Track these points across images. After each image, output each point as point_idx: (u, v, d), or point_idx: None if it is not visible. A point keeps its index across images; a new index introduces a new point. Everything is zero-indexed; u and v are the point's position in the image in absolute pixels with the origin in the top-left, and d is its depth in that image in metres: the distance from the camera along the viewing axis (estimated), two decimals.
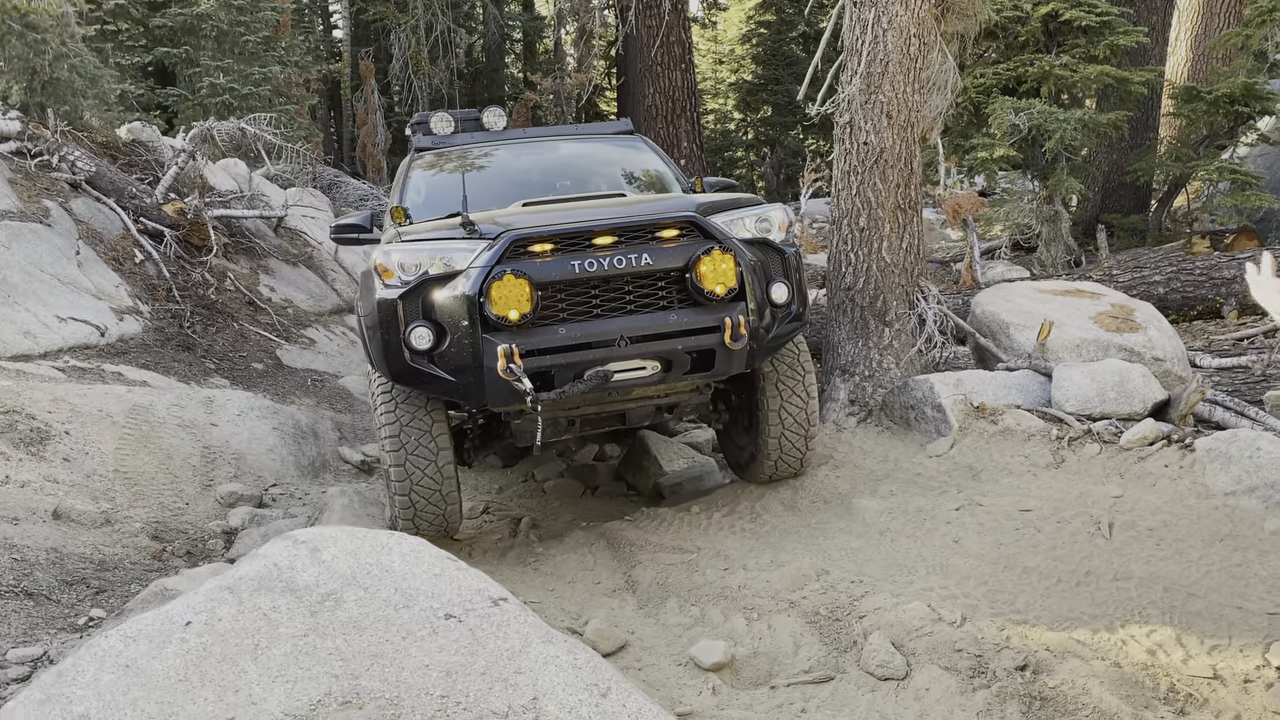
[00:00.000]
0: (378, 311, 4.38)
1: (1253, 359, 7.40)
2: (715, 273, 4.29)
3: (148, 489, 5.67)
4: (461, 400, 4.57)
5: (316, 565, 2.09)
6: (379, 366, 4.56)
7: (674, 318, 4.33)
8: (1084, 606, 3.85)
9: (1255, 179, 10.76)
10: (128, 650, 1.81)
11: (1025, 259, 12.74)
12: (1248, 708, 3.27)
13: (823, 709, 3.57)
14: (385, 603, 2.02)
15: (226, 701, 1.73)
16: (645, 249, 4.32)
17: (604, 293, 4.32)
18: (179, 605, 1.95)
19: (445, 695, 1.81)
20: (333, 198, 13.12)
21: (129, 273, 8.89)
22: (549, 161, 6.45)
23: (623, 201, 5.04)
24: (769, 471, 5.27)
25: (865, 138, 6.05)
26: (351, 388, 9.24)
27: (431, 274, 4.30)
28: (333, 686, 1.79)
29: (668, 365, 4.40)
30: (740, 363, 4.48)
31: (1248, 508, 4.31)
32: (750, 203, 4.87)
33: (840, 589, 4.23)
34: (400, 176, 6.29)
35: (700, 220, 4.43)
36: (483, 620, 2.01)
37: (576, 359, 4.26)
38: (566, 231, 4.32)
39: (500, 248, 4.21)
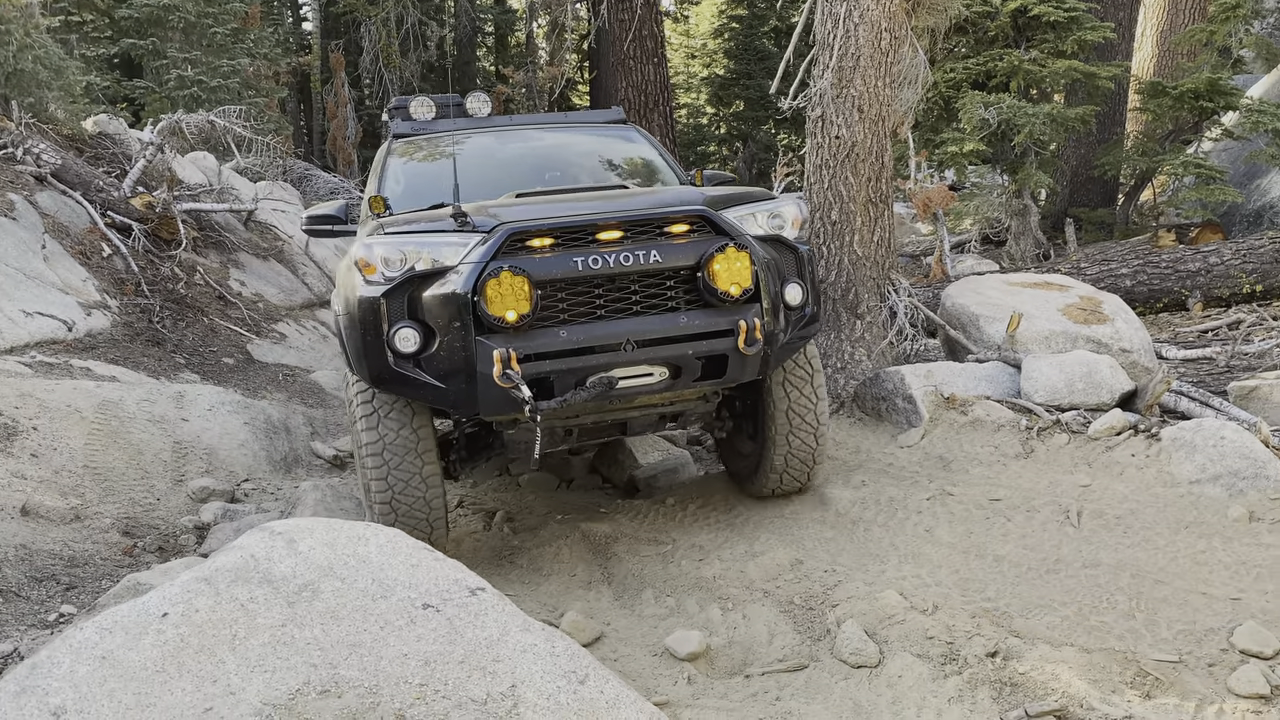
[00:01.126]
0: (358, 310, 4.02)
1: (1217, 350, 7.53)
2: (729, 272, 3.97)
3: (118, 485, 5.62)
4: (450, 409, 4.23)
5: (293, 556, 2.09)
6: (359, 370, 4.16)
7: (684, 320, 4.00)
8: (1054, 594, 3.91)
9: (1219, 173, 10.93)
10: (104, 642, 1.80)
11: (994, 252, 12.88)
12: (1213, 691, 3.33)
13: (797, 697, 3.60)
14: (363, 593, 2.02)
15: (204, 692, 1.73)
16: (654, 245, 3.99)
17: (608, 292, 3.98)
18: (155, 597, 1.94)
19: (424, 683, 1.81)
20: (303, 191, 13.03)
21: (96, 267, 8.78)
22: (538, 150, 6.07)
23: (625, 194, 4.74)
24: (774, 483, 4.93)
25: (837, 131, 6.09)
26: (323, 382, 9.18)
27: (419, 270, 3.94)
28: (311, 676, 1.79)
29: (676, 371, 4.08)
30: (753, 369, 4.17)
31: (1212, 495, 4.39)
32: (761, 197, 4.55)
33: (814, 578, 4.27)
34: (378, 164, 5.92)
35: (712, 215, 4.11)
36: (460, 610, 2.02)
37: (579, 364, 3.93)
38: (569, 225, 3.98)
39: (496, 242, 3.86)
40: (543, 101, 21.34)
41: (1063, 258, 11.50)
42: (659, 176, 5.82)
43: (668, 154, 6.08)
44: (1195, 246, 9.23)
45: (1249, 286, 8.51)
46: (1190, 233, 11.04)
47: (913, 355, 6.58)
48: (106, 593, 3.72)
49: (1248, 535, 4.10)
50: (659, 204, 4.25)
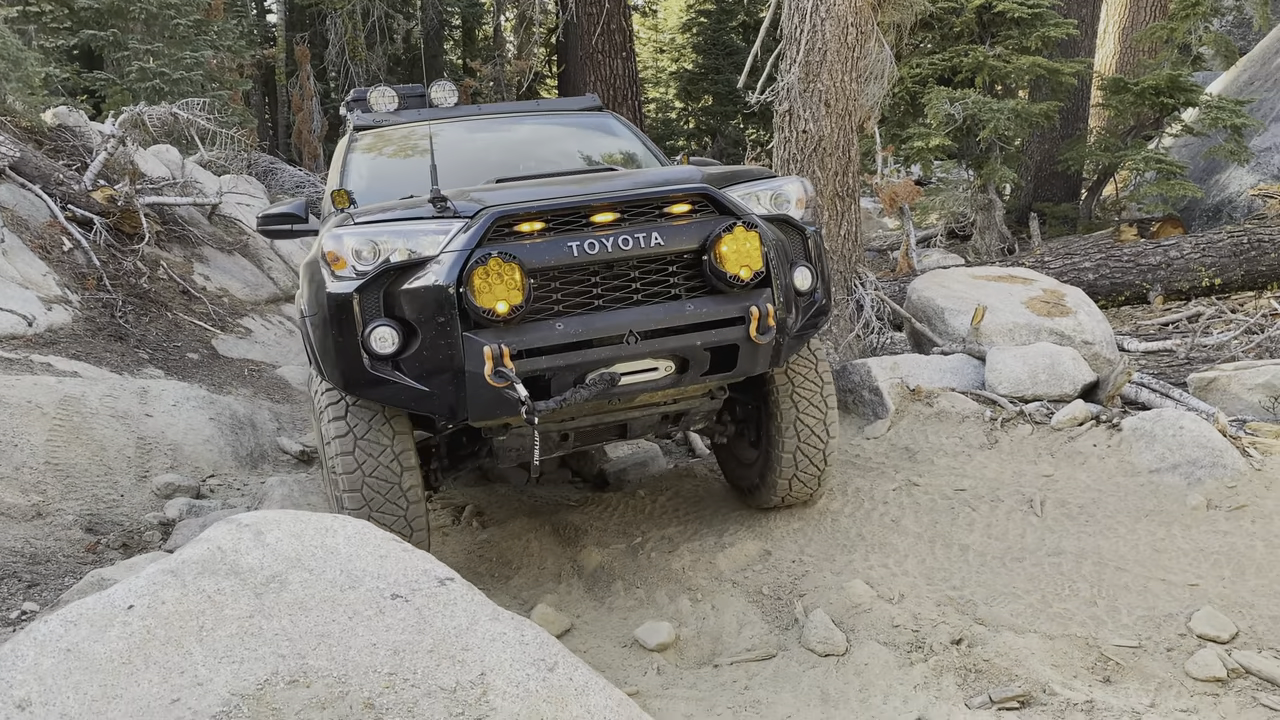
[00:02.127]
0: (328, 309, 3.63)
1: (1177, 343, 7.66)
2: (738, 253, 3.62)
3: (80, 481, 5.55)
4: (435, 414, 3.81)
5: (260, 548, 2.08)
6: (329, 375, 3.78)
7: (690, 308, 3.66)
8: (1018, 582, 3.97)
9: (1180, 168, 11.10)
10: (68, 634, 1.79)
11: (960, 247, 13.00)
12: (1171, 675, 3.40)
13: (765, 686, 3.64)
14: (331, 584, 2.02)
15: (171, 683, 1.72)
16: (654, 227, 3.64)
17: (607, 280, 3.63)
18: (120, 589, 1.93)
19: (393, 672, 1.82)
20: (268, 185, 12.89)
21: (57, 261, 8.65)
22: (511, 140, 5.70)
23: (615, 175, 4.39)
24: (780, 495, 4.61)
25: (804, 126, 6.13)
26: (289, 378, 9.11)
27: (394, 262, 3.57)
28: (279, 666, 1.79)
29: (683, 365, 3.75)
30: (765, 360, 3.84)
31: (1171, 484, 4.47)
32: (761, 175, 4.22)
33: (782, 569, 4.31)
34: (338, 159, 5.54)
35: (715, 193, 3.77)
36: (429, 600, 2.02)
37: (578, 360, 3.57)
38: (560, 207, 3.63)
39: (481, 227, 3.50)
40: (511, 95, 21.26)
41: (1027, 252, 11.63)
42: (642, 165, 5.51)
43: (649, 141, 5.83)
44: (1156, 240, 9.37)
45: (1208, 280, 8.65)
46: (1151, 227, 11.21)
47: (879, 348, 6.64)
48: (70, 589, 3.69)
49: (1206, 523, 4.18)
50: (656, 183, 3.91)
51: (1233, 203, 12.33)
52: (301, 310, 4.07)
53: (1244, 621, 3.61)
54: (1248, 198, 12.26)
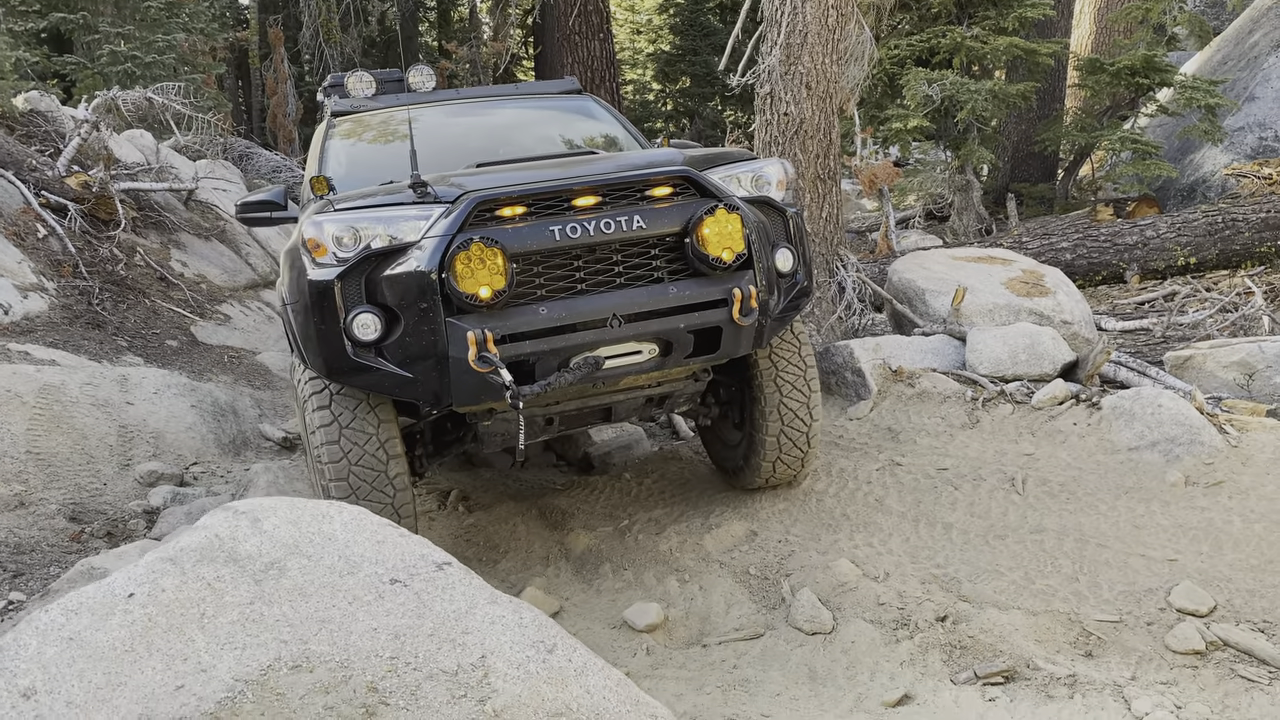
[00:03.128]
0: (309, 296, 3.63)
1: (1153, 322, 7.75)
2: (721, 236, 3.64)
3: (63, 470, 5.52)
4: (418, 400, 3.84)
5: (258, 535, 2.09)
6: (312, 362, 3.78)
7: (673, 291, 3.68)
8: (1001, 559, 4.03)
9: (1155, 148, 11.19)
10: (70, 623, 1.80)
11: (938, 228, 13.08)
12: (1151, 649, 3.47)
13: (754, 665, 3.68)
14: (330, 569, 2.03)
15: (175, 670, 1.73)
16: (635, 210, 3.65)
17: (589, 263, 3.65)
18: (120, 578, 1.93)
19: (395, 656, 1.83)
20: (244, 170, 12.77)
21: (32, 248, 8.56)
22: (491, 125, 5.67)
23: (596, 159, 4.39)
24: (764, 476, 4.65)
25: (785, 109, 6.14)
26: (270, 364, 9.07)
27: (375, 248, 3.57)
28: (282, 652, 1.80)
29: (667, 348, 3.77)
30: (748, 342, 3.87)
31: (1150, 461, 4.54)
32: (741, 157, 4.23)
33: (768, 549, 4.35)
34: (316, 146, 5.50)
35: (696, 175, 3.78)
36: (428, 584, 2.04)
37: (561, 344, 3.59)
38: (541, 191, 3.63)
39: (462, 212, 3.50)
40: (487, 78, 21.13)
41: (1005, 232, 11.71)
42: (623, 148, 5.49)
43: (628, 124, 5.82)
44: (1133, 220, 9.46)
45: (1183, 259, 8.75)
46: (1127, 207, 11.31)
47: (860, 329, 6.69)
48: (60, 578, 3.68)
49: (1184, 499, 4.25)
50: (637, 165, 3.92)
51: (1207, 182, 12.45)
52: (283, 298, 4.05)
53: (1222, 595, 3.69)
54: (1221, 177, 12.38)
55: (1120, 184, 11.76)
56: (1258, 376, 6.29)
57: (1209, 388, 6.27)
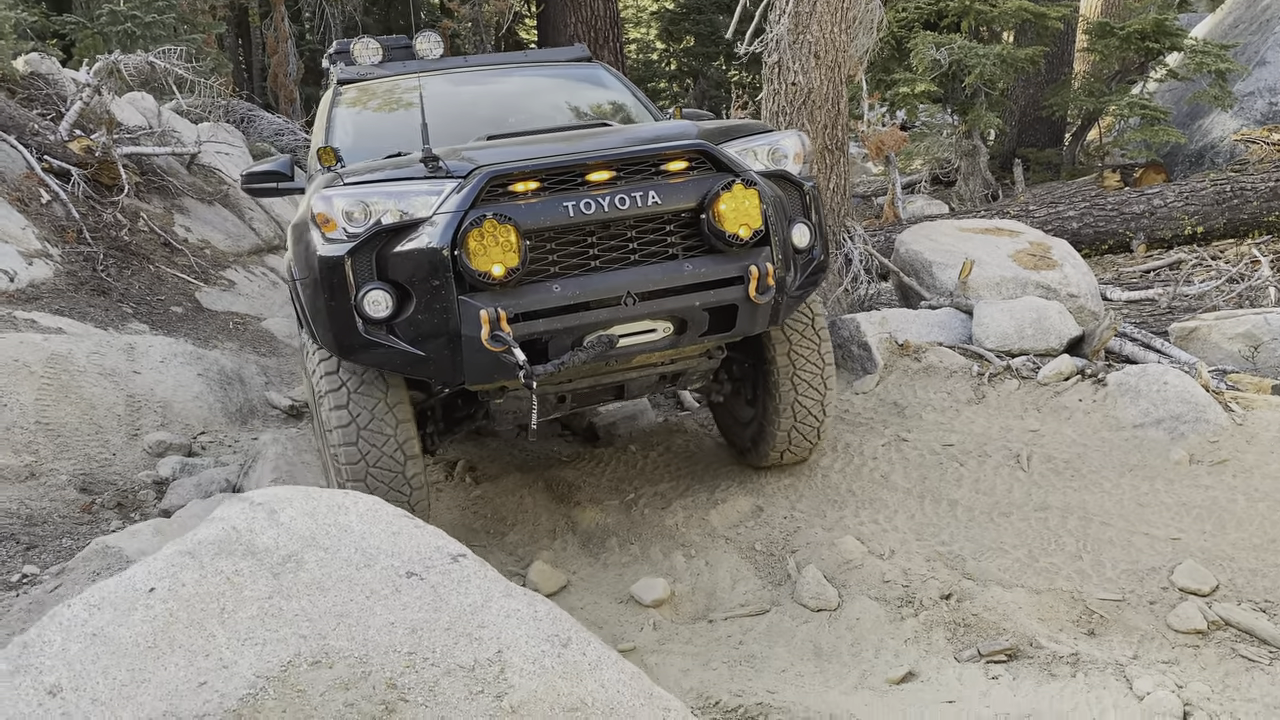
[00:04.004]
0: (319, 272, 3.58)
1: (1159, 292, 7.75)
2: (737, 212, 3.59)
3: (72, 440, 5.55)
4: (431, 378, 3.83)
5: (275, 527, 2.11)
6: (323, 339, 3.74)
7: (689, 268, 3.63)
8: (1005, 537, 4.06)
9: (1163, 114, 11.10)
10: (93, 619, 1.82)
11: (944, 193, 13.01)
12: (1153, 628, 3.51)
13: (760, 641, 3.73)
14: (346, 562, 2.05)
15: (198, 666, 1.76)
16: (650, 185, 3.59)
17: (603, 240, 3.60)
18: (140, 572, 1.95)
19: (412, 652, 1.86)
20: (247, 132, 12.69)
21: (35, 214, 8.54)
22: (500, 94, 5.57)
23: (609, 131, 4.31)
24: (777, 454, 4.62)
25: (793, 78, 6.09)
26: (275, 330, 9.08)
27: (386, 224, 3.51)
28: (301, 647, 1.83)
29: (681, 326, 3.72)
30: (764, 320, 3.82)
31: (1155, 439, 4.55)
32: (757, 129, 4.16)
33: (774, 524, 4.39)
34: (322, 116, 5.41)
35: (712, 149, 3.71)
36: (444, 577, 2.06)
37: (575, 322, 3.54)
38: (555, 166, 3.57)
39: (475, 187, 3.44)
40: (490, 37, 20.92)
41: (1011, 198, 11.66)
42: (635, 116, 5.43)
43: (640, 93, 5.72)
44: (1140, 189, 9.40)
45: (1190, 228, 8.72)
46: (1135, 173, 11.24)
47: (867, 300, 6.68)
48: (75, 556, 3.71)
49: (1188, 478, 4.27)
50: (651, 139, 3.87)
51: (1215, 148, 12.36)
52: (291, 273, 4.00)
53: (1224, 575, 3.72)
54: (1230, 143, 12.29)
55: (1128, 150, 11.67)
56: (1263, 348, 6.30)
57: (1214, 359, 6.28)
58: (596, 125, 4.57)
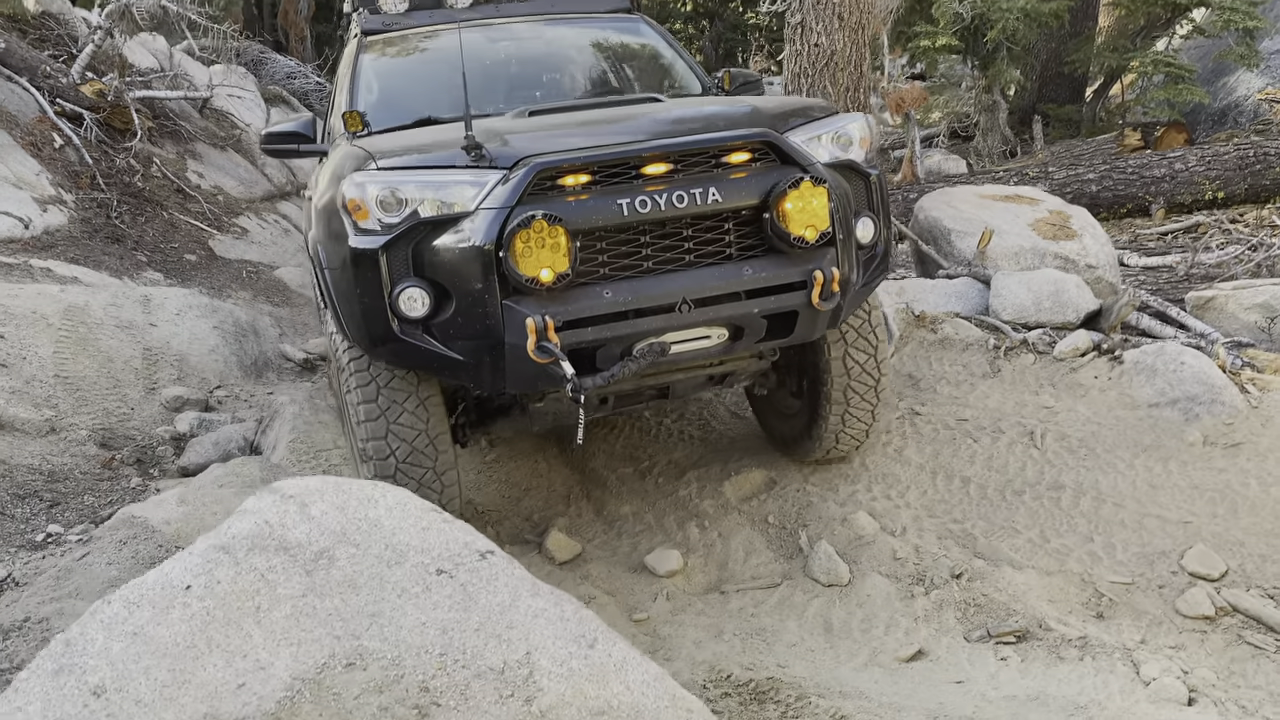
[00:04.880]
0: (351, 266, 3.33)
1: (1176, 260, 7.70)
2: (805, 212, 3.31)
3: (90, 394, 5.59)
4: (469, 383, 3.61)
5: (306, 522, 2.14)
6: (354, 335, 3.51)
7: (749, 272, 3.37)
8: (1018, 517, 4.10)
9: (1188, 71, 10.94)
10: (133, 617, 1.86)
11: (962, 147, 12.87)
12: (1162, 612, 3.55)
13: (771, 614, 3.79)
14: (377, 559, 2.09)
15: (235, 667, 1.80)
16: (711, 181, 3.32)
17: (657, 240, 3.33)
18: (176, 568, 1.99)
19: (444, 653, 1.90)
20: (259, 75, 12.56)
21: (49, 159, 8.51)
22: (535, 50, 5.22)
23: (661, 109, 3.98)
24: (825, 449, 4.42)
25: (816, 39, 6.00)
26: (288, 280, 9.09)
27: (424, 216, 3.26)
28: (335, 648, 1.87)
29: (738, 333, 3.48)
30: (824, 324, 3.61)
31: (1169, 419, 4.56)
32: (820, 111, 3.81)
33: (787, 498, 4.43)
34: (345, 70, 5.06)
35: (778, 140, 3.43)
36: (473, 575, 2.09)
37: (626, 330, 3.30)
38: (608, 159, 3.29)
39: (521, 181, 3.17)
40: None
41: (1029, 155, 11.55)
42: (680, 80, 5.10)
43: (682, 50, 5.34)
44: (1161, 153, 9.30)
45: (1211, 193, 8.63)
46: (1156, 132, 11.11)
47: None
48: (102, 525, 3.77)
49: (1201, 460, 4.29)
50: (711, 123, 3.63)
51: (1239, 107, 12.19)
52: (318, 257, 3.74)
53: (1234, 560, 3.76)
54: (1255, 101, 12.12)
55: (1150, 108, 11.51)
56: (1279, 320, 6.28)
57: (1230, 329, 6.26)
58: (645, 99, 4.29)
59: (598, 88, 5.08)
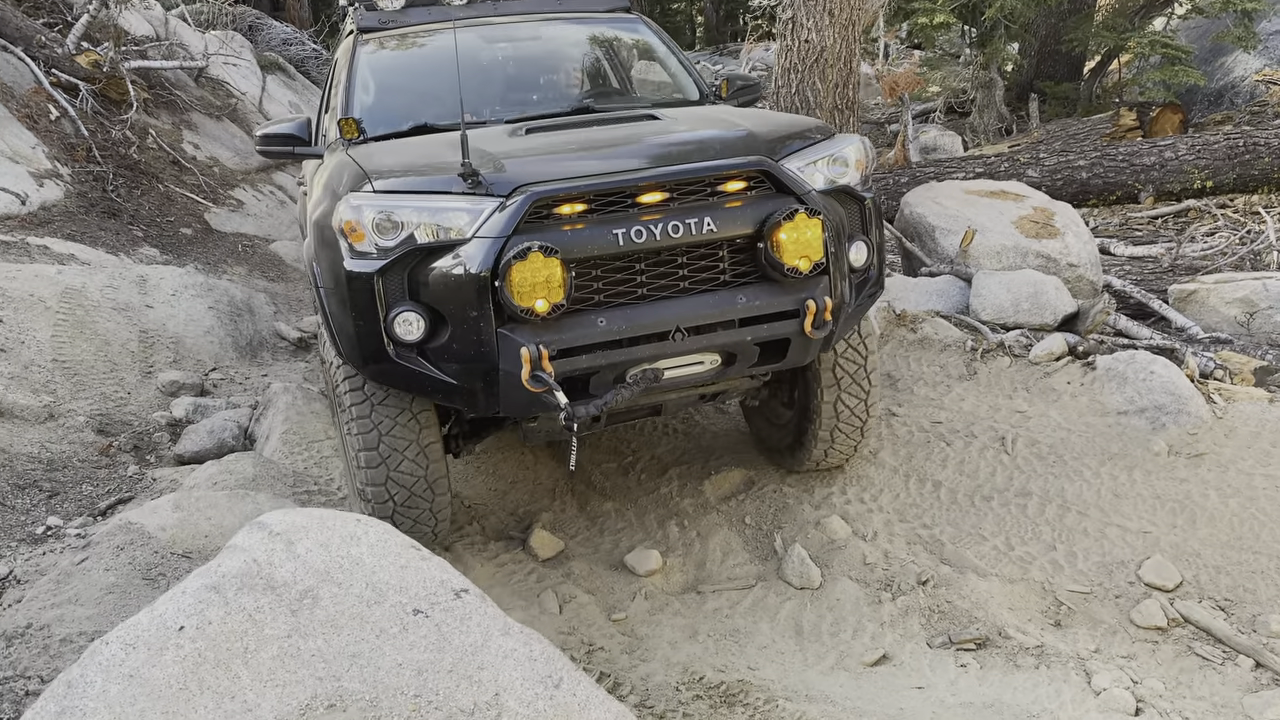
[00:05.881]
0: (347, 289, 3.37)
1: (1162, 250, 7.79)
2: (799, 243, 3.36)
3: (88, 379, 5.71)
4: (462, 407, 3.59)
5: (292, 560, 2.27)
6: (348, 356, 3.54)
7: (742, 300, 3.43)
8: (985, 523, 4.24)
9: (1185, 52, 10.95)
10: (129, 659, 1.99)
11: (959, 123, 12.90)
12: (1117, 622, 3.71)
13: (745, 615, 3.94)
14: (359, 599, 2.22)
15: (224, 709, 1.94)
16: (707, 211, 3.36)
17: (651, 268, 3.37)
18: (170, 608, 2.12)
19: (418, 694, 2.04)
20: (255, 41, 12.50)
21: (44, 131, 8.55)
22: (533, 51, 5.23)
23: (657, 132, 4.01)
24: (813, 463, 4.51)
25: (807, 35, 6.04)
26: (283, 254, 9.18)
27: (420, 242, 3.29)
28: (318, 690, 2.00)
29: (730, 359, 3.55)
30: (817, 350, 3.69)
31: (1137, 427, 4.70)
32: (815, 135, 3.84)
33: (764, 498, 4.57)
34: (342, 70, 4.99)
35: (774, 169, 3.48)
36: (448, 615, 2.23)
37: (620, 358, 3.36)
38: (604, 188, 3.33)
39: (517, 210, 3.22)
40: None
41: (1024, 133, 11.57)
42: (678, 84, 5.10)
43: (680, 53, 5.32)
44: (1151, 140, 9.34)
45: (1200, 182, 8.70)
46: (1151, 112, 11.13)
47: None
48: (99, 529, 3.90)
49: (1165, 469, 4.43)
50: (707, 148, 3.67)
51: (1235, 88, 12.20)
52: (314, 272, 3.78)
53: (1190, 571, 3.91)
54: (1251, 83, 12.13)
55: (1146, 89, 11.53)
56: (1259, 315, 6.40)
57: (1210, 323, 6.38)
58: (642, 116, 4.27)
59: (595, 92, 5.08)
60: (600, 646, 3.74)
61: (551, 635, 3.77)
